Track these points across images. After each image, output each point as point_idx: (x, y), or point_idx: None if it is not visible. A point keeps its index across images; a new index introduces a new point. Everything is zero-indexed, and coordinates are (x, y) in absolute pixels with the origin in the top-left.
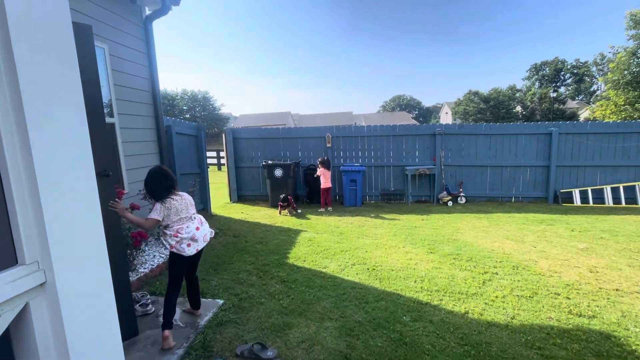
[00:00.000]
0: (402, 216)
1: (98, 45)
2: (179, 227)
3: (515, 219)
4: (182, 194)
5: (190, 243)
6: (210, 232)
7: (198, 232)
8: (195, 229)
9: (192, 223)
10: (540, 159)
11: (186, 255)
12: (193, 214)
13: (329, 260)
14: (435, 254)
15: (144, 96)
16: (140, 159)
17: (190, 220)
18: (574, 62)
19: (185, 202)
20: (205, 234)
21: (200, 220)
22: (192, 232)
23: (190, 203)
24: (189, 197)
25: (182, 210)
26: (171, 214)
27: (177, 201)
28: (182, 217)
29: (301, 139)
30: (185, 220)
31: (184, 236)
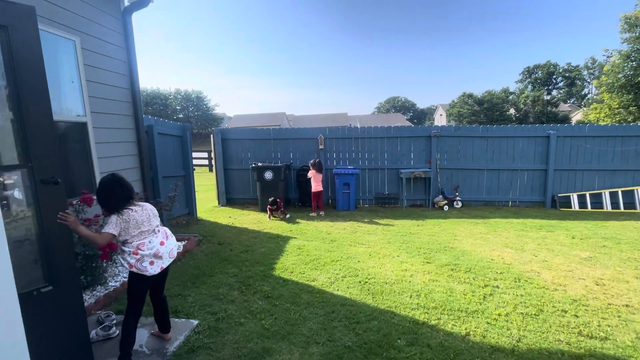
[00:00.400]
0: (396, 221)
1: (66, 37)
2: (139, 242)
3: (514, 225)
4: (143, 204)
5: (154, 260)
6: (177, 246)
7: (163, 247)
8: (159, 243)
9: (155, 237)
10: (538, 162)
11: (149, 275)
12: (157, 226)
13: (319, 272)
14: (431, 264)
15: (121, 94)
16: (116, 161)
17: (153, 233)
18: (565, 66)
19: (147, 213)
20: (171, 249)
21: (166, 233)
22: (155, 247)
23: (153, 214)
24: (151, 207)
25: (144, 222)
26: (130, 227)
27: (137, 212)
28: (144, 231)
29: (293, 141)
30: (147, 234)
31: (145, 253)
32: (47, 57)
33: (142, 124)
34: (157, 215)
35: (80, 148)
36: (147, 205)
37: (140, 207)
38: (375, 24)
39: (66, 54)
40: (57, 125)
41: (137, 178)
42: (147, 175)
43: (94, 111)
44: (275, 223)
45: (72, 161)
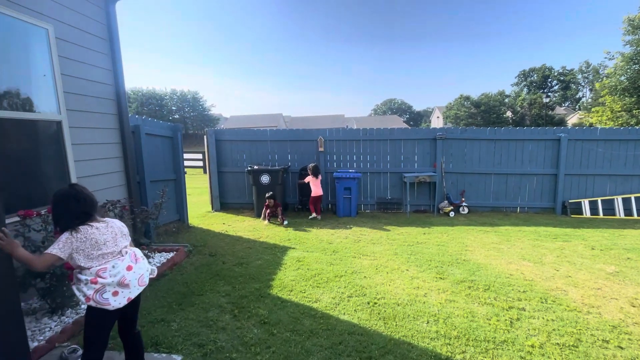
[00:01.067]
0: (401, 229)
1: (37, 25)
2: (100, 267)
3: (526, 233)
4: (110, 221)
5: (118, 290)
6: (149, 270)
7: (130, 273)
8: (125, 268)
9: (120, 261)
10: (548, 167)
11: (112, 309)
12: (124, 247)
13: (321, 290)
14: (445, 280)
15: (104, 90)
16: (97, 165)
17: (118, 256)
18: (560, 69)
19: (112, 231)
20: (141, 274)
21: (135, 255)
22: (120, 274)
23: (122, 233)
24: (120, 225)
25: (107, 242)
26: (86, 247)
27: (99, 230)
28: (106, 253)
29: (291, 142)
30: (110, 257)
31: (107, 281)
32: (12, 46)
33: (127, 123)
34: (127, 235)
35: (54, 150)
36: (114, 223)
37: (105, 223)
38: (371, 26)
39: (37, 44)
40: (24, 124)
41: (121, 183)
42: (133, 179)
43: (70, 109)
44: (272, 230)
45: (43, 165)
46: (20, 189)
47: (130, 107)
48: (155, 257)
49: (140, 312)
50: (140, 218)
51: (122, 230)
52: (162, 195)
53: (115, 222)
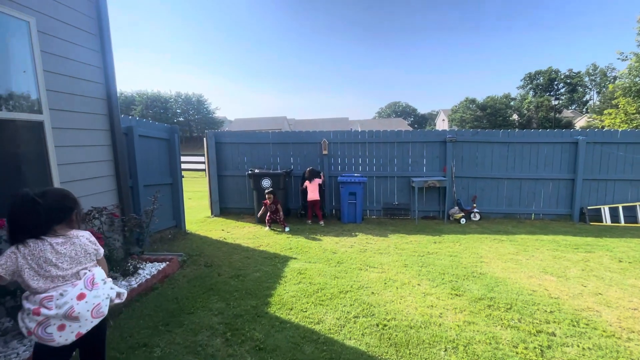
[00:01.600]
0: (410, 237)
1: (17, 17)
2: (45, 296)
3: (544, 243)
4: (75, 234)
5: (65, 324)
6: (109, 297)
7: (81, 303)
8: (76, 297)
9: (72, 287)
10: (565, 171)
11: (56, 345)
12: (84, 268)
13: (324, 309)
14: (462, 297)
15: (93, 89)
16: (84, 169)
17: (72, 280)
18: (566, 72)
19: (73, 248)
20: (96, 304)
21: (92, 280)
22: (67, 304)
23: (84, 251)
24: (86, 240)
25: (60, 262)
26: (34, 266)
27: (53, 246)
28: (56, 277)
29: (294, 145)
30: (59, 282)
31: (51, 313)
32: None
33: (118, 124)
34: (93, 253)
35: (34, 153)
36: (78, 238)
37: (66, 239)
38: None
39: (16, 38)
40: None
41: (111, 188)
42: (125, 184)
43: (54, 108)
44: (273, 238)
45: (21, 170)
46: None
47: (135, 110)
48: (146, 267)
49: (122, 335)
50: (128, 226)
51: (87, 247)
52: (154, 202)
53: (81, 238)
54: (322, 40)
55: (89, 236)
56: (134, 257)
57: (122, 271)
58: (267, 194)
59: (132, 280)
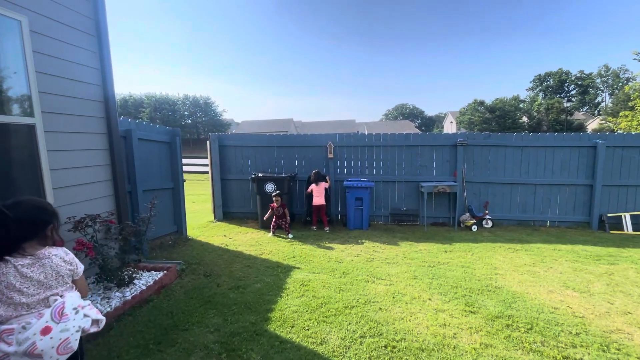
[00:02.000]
0: (419, 245)
1: (8, 16)
2: (5, 328)
3: (563, 253)
4: (43, 255)
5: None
6: (80, 329)
7: (45, 339)
8: (40, 332)
9: (37, 318)
10: (582, 177)
11: None
12: (53, 294)
13: (328, 327)
14: (477, 314)
15: (89, 91)
16: (79, 174)
17: (38, 308)
18: (578, 74)
19: (43, 270)
20: (64, 339)
21: (61, 310)
22: (29, 340)
23: (56, 273)
24: (59, 260)
25: (25, 289)
26: None
27: (17, 269)
28: (19, 304)
29: (299, 148)
30: (23, 310)
31: (10, 349)
32: None
33: (116, 127)
34: (66, 276)
35: (25, 158)
36: (50, 259)
37: (35, 260)
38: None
39: (6, 38)
40: None
41: (107, 193)
42: (122, 189)
43: (47, 111)
44: (276, 245)
45: (10, 175)
46: None
47: (144, 112)
48: (143, 277)
49: (109, 355)
50: (123, 234)
51: (60, 269)
52: (151, 208)
53: (53, 258)
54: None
55: (63, 255)
56: (130, 266)
57: (117, 281)
58: (275, 196)
59: (127, 291)
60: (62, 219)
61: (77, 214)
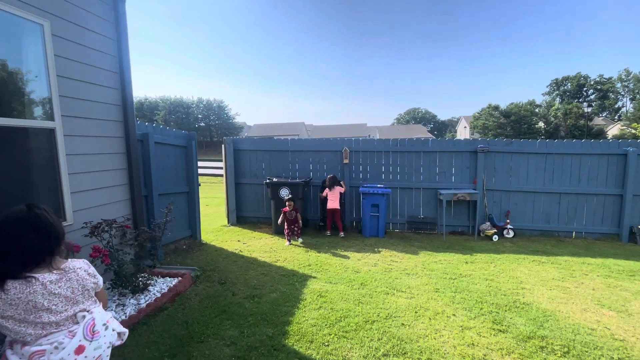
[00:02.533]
0: (438, 255)
1: (30, 19)
2: (36, 350)
3: (593, 267)
4: (69, 269)
5: None
6: (110, 345)
7: (79, 358)
8: (74, 351)
9: (69, 337)
10: (611, 186)
11: None
12: (82, 310)
13: (349, 343)
14: (507, 334)
15: (108, 95)
16: (96, 177)
17: (69, 326)
18: (597, 78)
19: (70, 286)
20: (97, 356)
21: (92, 326)
22: (61, 358)
23: (82, 287)
24: (84, 273)
25: (53, 306)
26: (18, 313)
27: (46, 287)
28: (48, 323)
29: (314, 153)
30: (52, 328)
31: None
32: (0, 42)
33: (133, 131)
34: (92, 289)
35: (44, 162)
36: (75, 272)
37: (61, 274)
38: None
39: (29, 41)
40: (8, 132)
41: (124, 198)
42: (138, 193)
43: (67, 115)
44: (291, 252)
45: (29, 179)
46: None
47: (159, 115)
48: (157, 283)
49: None
50: (139, 240)
51: (85, 283)
52: (167, 214)
53: (78, 271)
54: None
55: (87, 267)
56: (145, 272)
57: (132, 287)
58: (287, 200)
59: (142, 298)
60: (79, 224)
61: (94, 218)
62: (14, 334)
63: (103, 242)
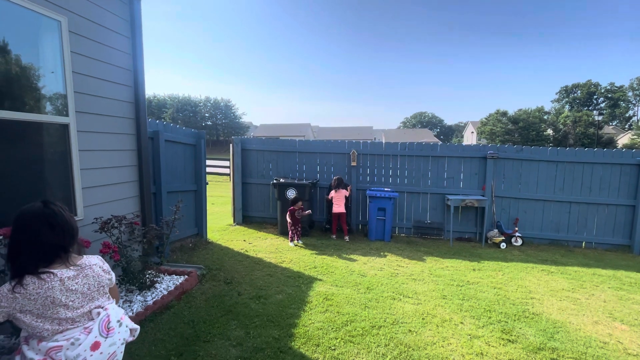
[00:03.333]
0: (445, 261)
1: (49, 16)
2: (53, 345)
3: (604, 279)
4: (85, 265)
5: None
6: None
7: (95, 354)
8: (90, 347)
9: (85, 334)
10: (624, 196)
11: None
12: (97, 307)
13: (356, 348)
14: (516, 344)
15: (121, 92)
16: (107, 174)
17: (84, 323)
18: (608, 86)
19: (86, 282)
20: (111, 353)
21: (107, 322)
22: (80, 356)
23: (98, 283)
24: (99, 269)
25: (70, 302)
26: (37, 308)
27: (64, 283)
28: (64, 319)
29: (321, 155)
30: (68, 324)
31: None
32: (17, 38)
33: (144, 129)
34: (107, 284)
35: (57, 157)
36: (91, 268)
37: (79, 271)
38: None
39: (46, 37)
40: (23, 126)
41: (133, 194)
42: (147, 190)
43: (81, 111)
44: (296, 253)
45: (41, 174)
46: (8, 202)
47: (167, 113)
48: (164, 281)
49: None
50: (147, 237)
51: (100, 279)
52: (176, 212)
53: (93, 267)
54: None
55: (101, 263)
56: (152, 269)
57: (139, 284)
58: (294, 200)
59: (148, 295)
60: (89, 219)
61: (104, 214)
62: (31, 329)
63: (112, 238)
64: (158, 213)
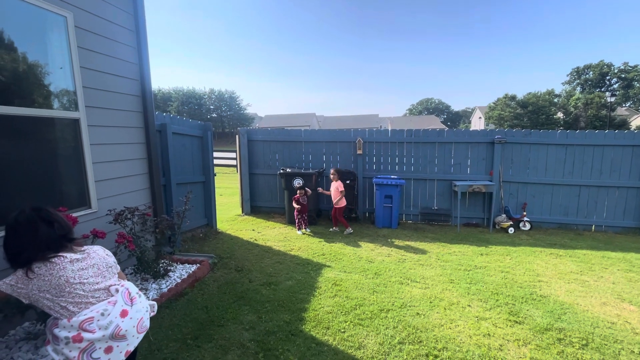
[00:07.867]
0: (452, 247)
1: (55, 12)
2: (85, 318)
3: (614, 261)
4: (89, 249)
5: (112, 345)
6: (149, 309)
7: (126, 320)
8: (119, 314)
9: (112, 305)
10: (635, 178)
11: None
12: (112, 285)
13: (365, 330)
14: (523, 325)
15: (128, 85)
16: (118, 167)
17: (107, 298)
18: (622, 66)
19: (94, 263)
20: (140, 318)
21: (128, 293)
22: (113, 323)
23: (106, 264)
24: (104, 252)
25: (85, 280)
26: (52, 287)
27: (72, 264)
28: (84, 295)
29: (326, 144)
30: (94, 301)
31: (96, 336)
32: (24, 35)
33: (152, 122)
34: (114, 266)
35: (70, 151)
36: (95, 252)
37: (84, 254)
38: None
39: (53, 33)
40: (36, 122)
41: (144, 186)
42: (157, 182)
43: (90, 105)
44: (305, 241)
45: (56, 168)
46: (27, 196)
47: (172, 106)
48: (177, 270)
49: (150, 347)
50: (159, 227)
51: (107, 260)
52: (186, 202)
53: (97, 251)
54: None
55: (102, 249)
56: (165, 258)
57: (153, 273)
58: (299, 189)
59: (163, 283)
60: (103, 211)
61: (117, 206)
62: (55, 311)
63: (126, 229)
64: (168, 204)
